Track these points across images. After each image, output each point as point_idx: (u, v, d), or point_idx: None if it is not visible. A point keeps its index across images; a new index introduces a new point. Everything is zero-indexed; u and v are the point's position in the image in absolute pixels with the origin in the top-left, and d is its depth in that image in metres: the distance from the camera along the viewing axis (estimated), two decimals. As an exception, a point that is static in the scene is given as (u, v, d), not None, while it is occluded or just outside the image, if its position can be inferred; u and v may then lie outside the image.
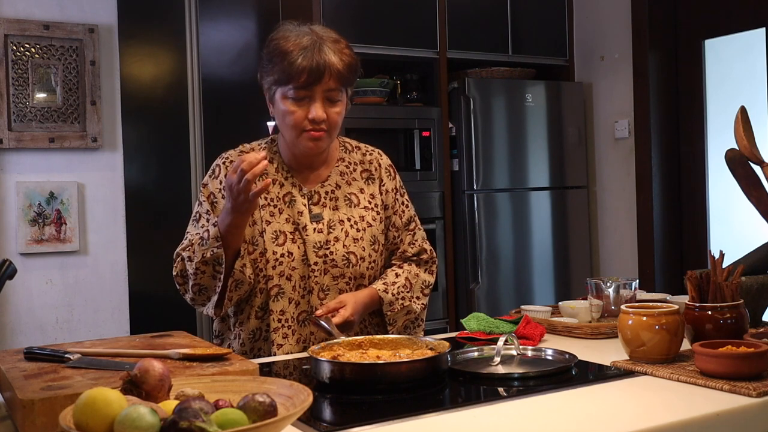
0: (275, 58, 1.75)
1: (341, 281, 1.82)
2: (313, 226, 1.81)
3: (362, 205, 1.88)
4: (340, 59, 1.74)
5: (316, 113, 1.74)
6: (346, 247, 1.82)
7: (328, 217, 1.83)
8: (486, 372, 1.50)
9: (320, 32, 1.77)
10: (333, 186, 1.87)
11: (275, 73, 1.76)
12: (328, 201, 1.85)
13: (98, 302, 3.57)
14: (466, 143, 3.78)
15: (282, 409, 1.03)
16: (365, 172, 1.93)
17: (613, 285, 1.92)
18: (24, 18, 3.42)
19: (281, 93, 1.77)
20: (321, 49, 1.72)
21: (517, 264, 3.94)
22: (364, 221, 1.87)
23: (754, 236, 2.55)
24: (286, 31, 1.78)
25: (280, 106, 1.78)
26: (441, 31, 3.80)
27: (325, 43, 1.74)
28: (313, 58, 1.71)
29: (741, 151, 1.84)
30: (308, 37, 1.74)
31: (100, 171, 3.58)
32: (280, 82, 1.75)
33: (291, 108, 1.75)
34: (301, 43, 1.73)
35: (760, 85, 3.59)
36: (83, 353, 1.43)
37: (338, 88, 1.76)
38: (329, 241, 1.81)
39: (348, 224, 1.84)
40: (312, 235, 1.80)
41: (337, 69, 1.73)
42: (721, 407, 1.23)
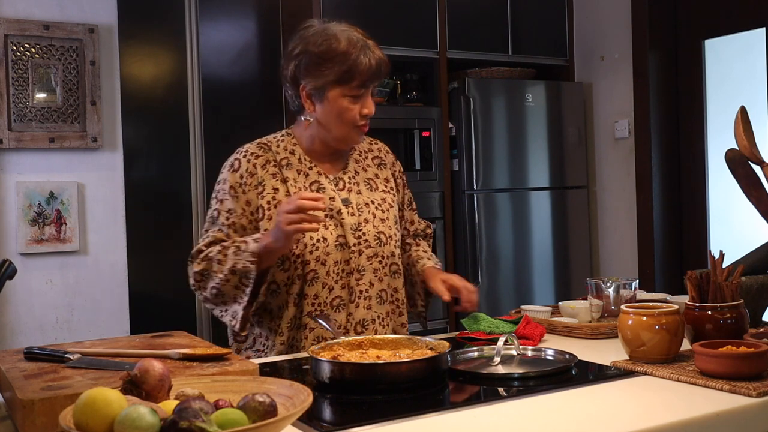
0: (331, 58, 1.80)
1: (374, 261, 1.89)
2: (346, 209, 1.88)
3: (380, 188, 1.97)
4: (382, 56, 1.85)
5: (370, 109, 1.85)
6: (375, 228, 1.90)
7: (355, 201, 1.91)
8: (486, 372, 1.50)
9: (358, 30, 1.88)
10: (352, 172, 1.96)
11: (332, 73, 1.80)
12: (353, 186, 1.93)
13: (98, 302, 3.56)
14: (466, 143, 3.78)
15: (282, 409, 1.03)
16: (376, 158, 2.02)
17: (613, 285, 1.92)
18: (24, 18, 3.42)
19: (339, 92, 1.82)
20: (373, 48, 1.83)
21: (517, 264, 3.94)
22: (386, 203, 1.96)
23: (754, 236, 2.55)
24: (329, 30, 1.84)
25: (334, 104, 1.82)
26: (441, 31, 3.80)
27: (370, 42, 1.85)
28: (373, 56, 1.81)
29: (741, 151, 1.84)
30: (356, 36, 1.84)
31: (100, 171, 3.58)
32: (340, 81, 1.80)
33: (349, 105, 1.83)
34: (355, 43, 1.81)
35: (760, 85, 3.59)
36: (83, 353, 1.43)
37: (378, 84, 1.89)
38: (361, 222, 1.88)
39: (373, 206, 1.92)
40: (348, 218, 1.87)
41: (387, 65, 1.85)
42: (721, 407, 1.23)
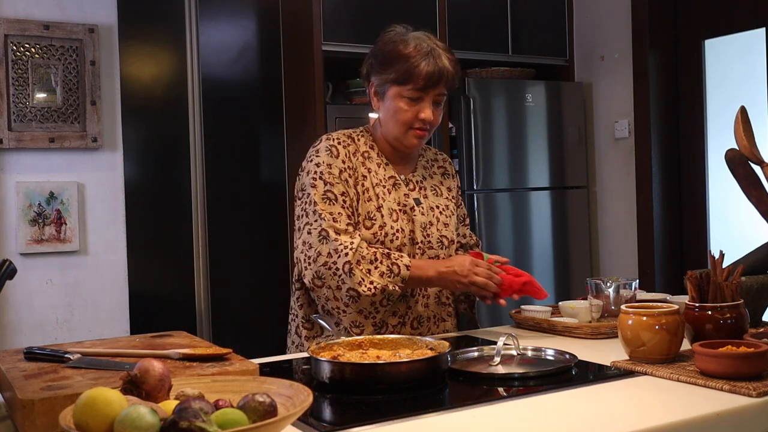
0: (396, 59, 1.88)
1: None
2: (417, 208, 1.96)
3: (444, 195, 2.05)
4: (453, 68, 1.91)
5: (427, 115, 1.89)
6: (439, 231, 1.97)
7: (424, 203, 1.99)
8: (486, 372, 1.50)
9: (434, 39, 1.94)
10: (420, 177, 2.03)
11: (394, 72, 1.88)
12: (421, 189, 2.01)
13: (98, 302, 3.56)
14: (466, 143, 3.78)
15: (282, 409, 1.03)
16: (441, 168, 2.10)
17: (613, 285, 1.92)
18: (24, 18, 3.42)
19: (396, 91, 1.89)
20: (440, 56, 1.89)
21: (517, 264, 3.87)
22: (449, 209, 2.03)
23: (754, 236, 2.55)
24: (403, 35, 1.93)
25: (392, 103, 1.90)
26: (441, 31, 3.80)
27: (442, 51, 1.91)
28: (435, 64, 1.87)
29: (741, 151, 1.84)
30: (426, 43, 1.90)
31: (100, 171, 3.58)
32: (398, 81, 1.88)
33: (404, 107, 1.89)
34: (421, 48, 1.88)
35: (760, 85, 3.59)
36: (83, 353, 1.43)
37: (445, 93, 1.93)
38: (428, 223, 1.96)
39: (437, 211, 2.00)
40: (419, 216, 1.95)
41: (452, 76, 1.91)
42: (721, 407, 1.23)
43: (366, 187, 1.92)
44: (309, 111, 3.56)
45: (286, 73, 3.88)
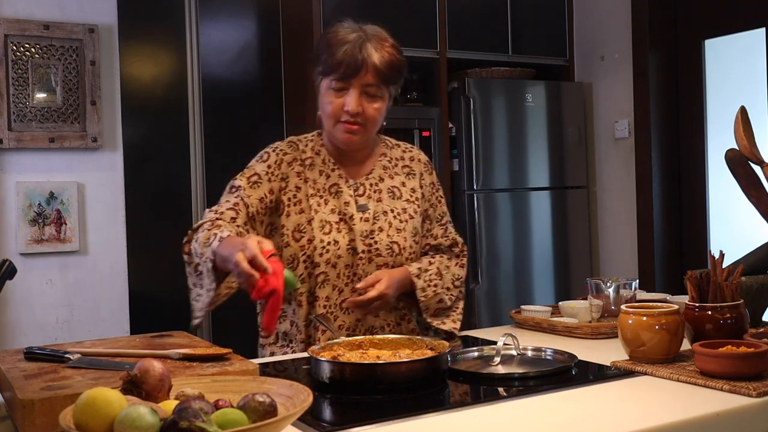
0: (322, 49, 1.85)
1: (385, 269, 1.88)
2: (359, 215, 1.87)
3: (404, 197, 1.95)
4: (380, 56, 1.81)
5: (351, 105, 1.80)
6: (389, 237, 1.88)
7: (373, 208, 1.90)
8: (486, 372, 1.50)
9: (369, 30, 1.87)
10: (377, 179, 1.94)
11: (320, 63, 1.85)
12: (373, 193, 1.92)
13: (98, 302, 3.56)
14: (466, 143, 3.78)
15: (282, 409, 1.03)
16: (406, 167, 2.00)
17: (613, 285, 1.92)
18: (24, 18, 3.42)
19: (325, 84, 1.85)
20: (363, 45, 1.81)
21: (517, 264, 3.94)
22: (407, 213, 1.93)
23: (754, 236, 2.55)
24: (339, 26, 1.88)
25: (322, 95, 1.86)
26: (441, 31, 3.80)
27: (370, 41, 1.82)
28: (353, 52, 1.79)
29: (741, 151, 1.84)
30: (356, 33, 1.84)
31: (100, 171, 3.58)
32: (323, 72, 1.84)
33: (330, 98, 1.83)
34: (346, 37, 1.82)
35: (760, 85, 3.59)
36: (83, 353, 1.43)
37: (377, 84, 1.82)
38: (374, 230, 1.87)
39: (391, 215, 1.91)
40: (359, 225, 1.86)
41: (374, 65, 1.80)
42: (721, 407, 1.23)
43: (298, 198, 1.85)
44: (309, 111, 3.56)
45: (286, 73, 3.88)
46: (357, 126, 1.82)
